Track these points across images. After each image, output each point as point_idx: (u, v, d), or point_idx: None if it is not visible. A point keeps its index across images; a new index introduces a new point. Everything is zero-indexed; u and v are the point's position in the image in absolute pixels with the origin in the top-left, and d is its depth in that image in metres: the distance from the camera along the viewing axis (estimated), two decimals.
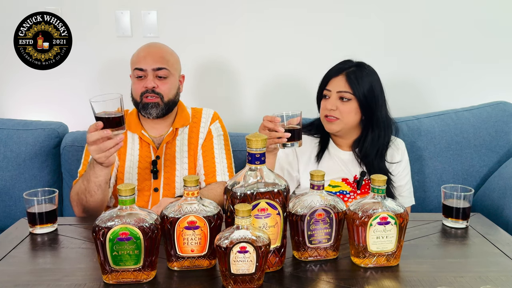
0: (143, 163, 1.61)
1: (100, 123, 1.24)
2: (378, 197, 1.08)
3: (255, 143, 0.99)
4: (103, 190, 1.42)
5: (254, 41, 2.11)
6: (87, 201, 1.43)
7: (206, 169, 1.63)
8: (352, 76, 1.54)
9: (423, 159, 1.95)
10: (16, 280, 1.03)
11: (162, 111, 1.59)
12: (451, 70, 2.17)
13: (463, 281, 1.02)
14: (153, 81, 1.56)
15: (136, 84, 1.59)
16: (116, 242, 0.98)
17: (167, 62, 1.59)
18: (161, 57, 1.59)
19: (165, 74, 1.58)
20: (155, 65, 1.57)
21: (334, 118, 1.55)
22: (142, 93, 1.57)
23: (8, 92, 2.13)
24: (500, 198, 1.73)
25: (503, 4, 2.12)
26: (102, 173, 1.37)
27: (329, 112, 1.55)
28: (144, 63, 1.57)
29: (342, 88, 1.54)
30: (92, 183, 1.39)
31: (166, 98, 1.58)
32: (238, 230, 0.96)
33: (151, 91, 1.56)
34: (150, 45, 1.64)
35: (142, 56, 1.58)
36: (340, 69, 1.57)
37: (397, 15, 2.10)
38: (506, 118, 2.02)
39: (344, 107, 1.54)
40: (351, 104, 1.54)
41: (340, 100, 1.54)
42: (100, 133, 1.24)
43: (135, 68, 1.58)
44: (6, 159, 1.89)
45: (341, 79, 1.55)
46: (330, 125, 1.57)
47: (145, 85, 1.56)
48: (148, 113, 1.57)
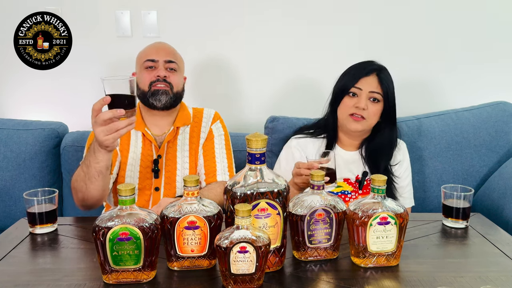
0: (145, 161, 1.61)
1: (108, 98, 1.15)
2: (378, 197, 1.08)
3: (255, 143, 0.99)
4: (104, 176, 1.33)
5: (254, 41, 2.11)
6: (87, 188, 1.35)
7: (207, 168, 1.63)
8: (383, 77, 1.54)
9: (423, 159, 1.95)
10: (16, 280, 1.03)
11: (171, 100, 1.59)
12: (451, 70, 2.17)
13: (463, 281, 1.02)
14: (164, 71, 1.60)
15: (145, 74, 1.60)
16: (116, 242, 0.98)
17: (176, 57, 1.65)
18: (172, 52, 1.65)
19: (175, 67, 1.62)
20: (167, 57, 1.61)
21: (360, 118, 1.53)
22: (152, 82, 1.58)
23: (8, 92, 2.14)
24: (500, 198, 1.73)
25: (503, 4, 2.12)
26: (104, 158, 1.28)
27: (357, 111, 1.53)
28: (156, 55, 1.60)
29: (374, 89, 1.53)
30: (92, 168, 1.30)
31: (176, 89, 1.61)
32: (238, 230, 0.96)
33: (162, 80, 1.58)
34: (159, 42, 1.70)
35: (154, 50, 1.63)
36: (371, 69, 1.56)
37: (397, 17, 2.10)
38: (506, 118, 2.02)
39: (373, 108, 1.54)
40: (379, 105, 1.55)
41: (369, 101, 1.54)
42: (114, 112, 1.16)
43: (146, 59, 1.60)
44: (6, 159, 1.89)
45: (373, 79, 1.54)
46: (356, 124, 1.55)
47: (157, 74, 1.58)
48: (157, 99, 1.57)
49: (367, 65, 1.57)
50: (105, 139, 1.20)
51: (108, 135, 1.19)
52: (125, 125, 1.19)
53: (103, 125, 1.19)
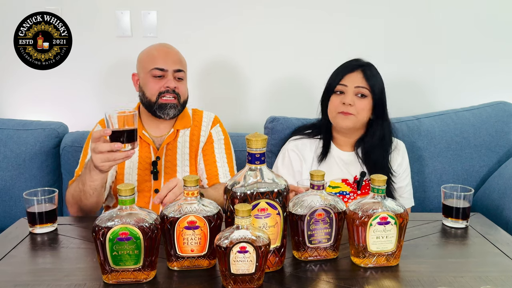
0: (143, 163, 1.61)
1: (108, 130, 1.19)
2: (378, 197, 1.08)
3: (255, 143, 0.99)
4: (99, 194, 1.40)
5: (255, 41, 2.11)
6: (82, 203, 1.42)
7: (209, 173, 1.63)
8: (369, 72, 1.54)
9: (423, 159, 1.95)
10: (16, 280, 1.03)
11: (179, 112, 1.60)
12: (451, 70, 2.17)
13: (463, 281, 1.02)
14: (173, 81, 1.57)
15: (153, 83, 1.57)
16: (116, 242, 0.98)
17: (183, 65, 1.63)
18: (179, 59, 1.61)
19: (182, 76, 1.61)
20: (176, 67, 1.58)
21: (348, 113, 1.53)
22: (160, 93, 1.56)
23: (8, 92, 2.14)
24: (500, 198, 1.73)
25: (503, 4, 2.12)
26: (99, 177, 1.34)
27: (345, 108, 1.53)
28: (164, 64, 1.57)
29: (360, 84, 1.53)
30: (87, 186, 1.37)
31: (182, 98, 1.60)
32: (238, 230, 0.96)
33: (172, 91, 1.56)
34: (165, 45, 1.65)
35: (162, 56, 1.58)
36: (355, 65, 1.56)
37: (397, 15, 2.11)
38: (506, 118, 2.02)
39: (360, 103, 1.53)
40: (367, 100, 1.54)
41: (357, 96, 1.54)
42: (112, 146, 1.19)
43: (155, 67, 1.56)
44: (6, 159, 1.89)
45: (357, 74, 1.54)
46: (345, 120, 1.54)
47: (167, 85, 1.56)
48: (165, 113, 1.57)
49: (352, 62, 1.58)
50: (101, 165, 1.25)
51: (105, 162, 1.24)
52: (122, 157, 1.23)
53: (100, 154, 1.23)
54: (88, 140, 1.63)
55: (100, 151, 1.22)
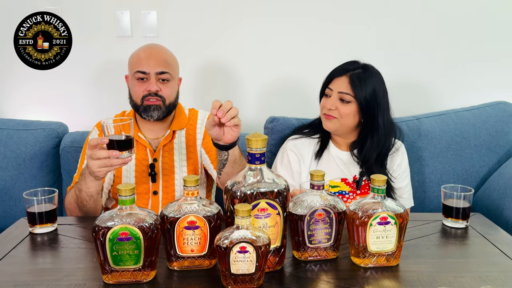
0: (140, 166, 1.60)
1: (106, 139, 1.20)
2: (378, 197, 1.08)
3: (255, 143, 0.99)
4: (95, 200, 1.41)
5: (254, 41, 2.11)
6: (80, 209, 1.44)
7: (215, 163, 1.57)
8: (355, 79, 1.52)
9: (423, 159, 1.95)
10: (16, 280, 1.03)
11: (163, 114, 1.57)
12: (451, 70, 2.17)
13: (463, 281, 1.02)
14: (156, 84, 1.54)
15: (137, 86, 1.56)
16: (116, 242, 0.98)
17: (169, 65, 1.57)
18: (164, 60, 1.57)
19: (167, 77, 1.56)
20: (158, 69, 1.54)
21: (331, 117, 1.55)
22: (144, 96, 1.55)
23: (8, 92, 2.13)
24: (500, 198, 1.73)
25: (503, 4, 2.12)
26: (93, 184, 1.35)
27: (328, 111, 1.55)
28: (147, 66, 1.54)
29: (343, 89, 1.53)
30: (83, 193, 1.38)
31: (168, 101, 1.57)
32: (238, 230, 0.96)
33: (154, 94, 1.54)
34: (151, 47, 1.62)
35: (145, 58, 1.55)
36: (345, 69, 1.55)
37: (397, 16, 2.10)
38: (506, 118, 2.02)
39: (343, 109, 1.53)
40: (351, 106, 1.53)
41: (340, 101, 1.54)
42: (109, 153, 1.20)
43: (137, 71, 1.55)
44: (6, 159, 1.89)
45: (344, 80, 1.54)
46: (328, 123, 1.57)
47: (148, 89, 1.54)
48: (149, 115, 1.55)
49: (345, 66, 1.57)
50: (97, 171, 1.26)
51: (101, 168, 1.24)
52: (119, 163, 1.25)
53: (97, 160, 1.23)
54: (85, 146, 1.63)
55: (97, 157, 1.23)
